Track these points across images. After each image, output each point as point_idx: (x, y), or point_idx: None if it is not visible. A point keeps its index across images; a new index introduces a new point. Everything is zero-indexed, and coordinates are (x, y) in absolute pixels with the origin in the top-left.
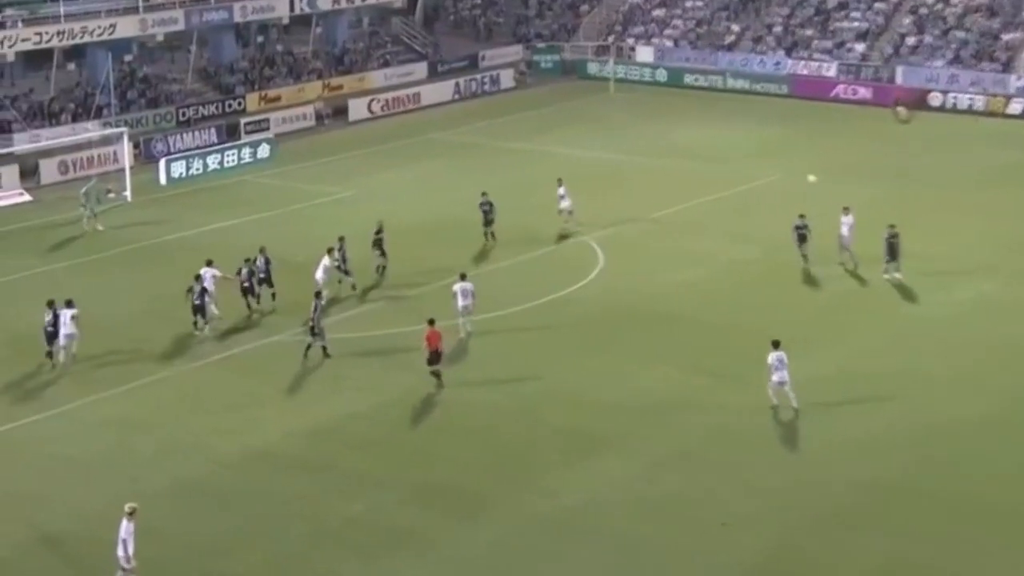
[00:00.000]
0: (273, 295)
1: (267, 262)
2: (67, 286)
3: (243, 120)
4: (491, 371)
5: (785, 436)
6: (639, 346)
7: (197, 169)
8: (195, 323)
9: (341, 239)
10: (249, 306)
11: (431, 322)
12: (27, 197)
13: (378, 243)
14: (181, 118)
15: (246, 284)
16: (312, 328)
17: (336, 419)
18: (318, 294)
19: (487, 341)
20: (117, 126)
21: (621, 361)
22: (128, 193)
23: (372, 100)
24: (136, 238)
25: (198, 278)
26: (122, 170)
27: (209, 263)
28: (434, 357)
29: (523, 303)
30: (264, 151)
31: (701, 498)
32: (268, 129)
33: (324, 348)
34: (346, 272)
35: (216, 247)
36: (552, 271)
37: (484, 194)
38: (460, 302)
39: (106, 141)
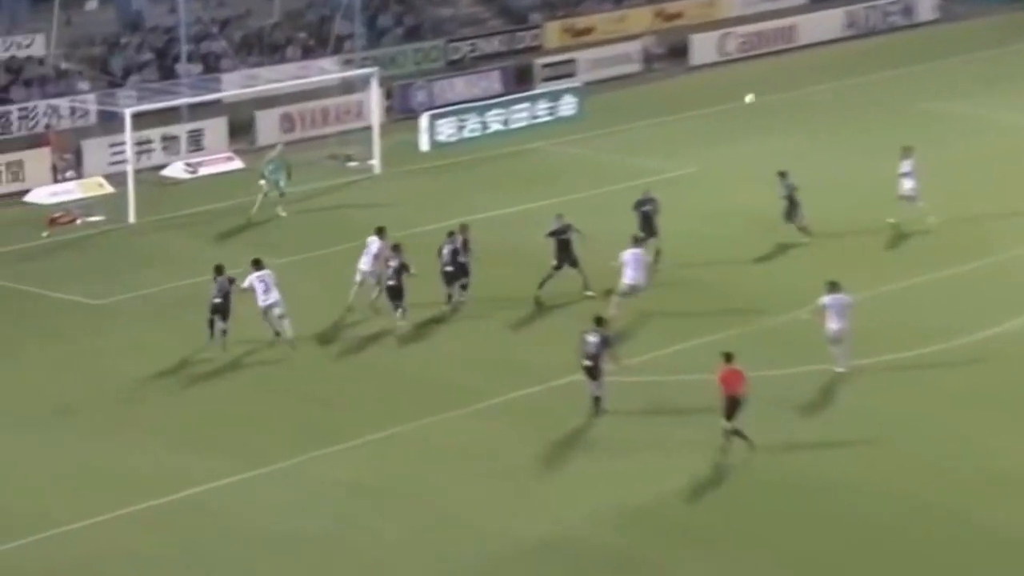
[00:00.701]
0: (464, 286)
1: (465, 245)
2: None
3: (539, 62)
4: (856, 430)
5: None
6: None
7: (472, 130)
8: (398, 308)
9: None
10: (450, 297)
11: (727, 357)
12: (237, 163)
13: (563, 244)
14: (452, 56)
15: (448, 268)
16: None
17: (649, 497)
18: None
19: (860, 388)
20: (363, 66)
21: None
22: (376, 161)
23: (725, 35)
24: (369, 224)
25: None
26: (367, 128)
27: (380, 232)
28: (731, 406)
29: (932, 342)
30: (568, 106)
31: None
32: (574, 75)
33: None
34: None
35: (498, 244)
36: (983, 294)
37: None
38: (832, 324)
39: (347, 87)
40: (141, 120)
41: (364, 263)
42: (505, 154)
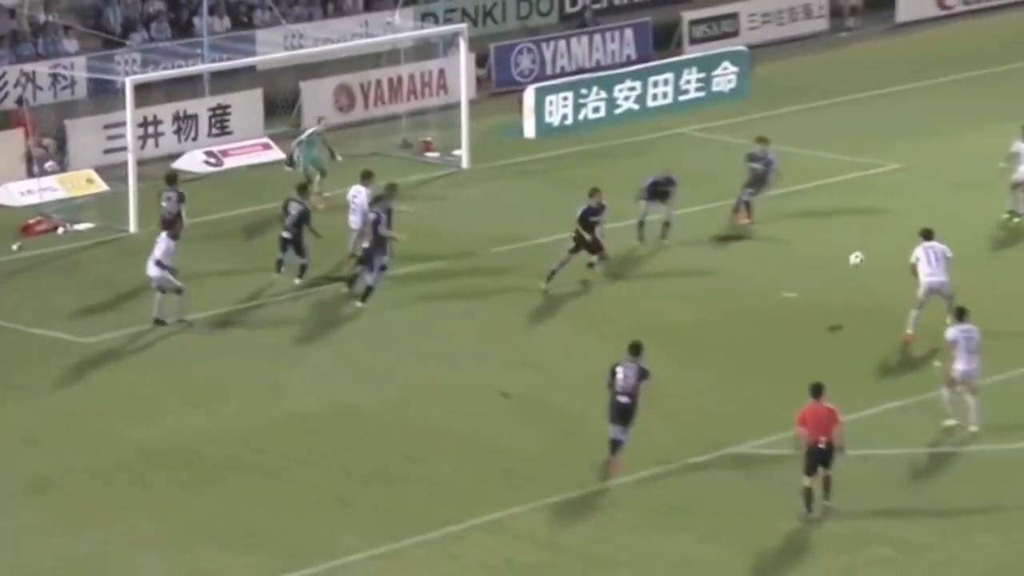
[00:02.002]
0: (383, 267)
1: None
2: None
3: (688, 16)
4: None
5: None
6: None
7: (595, 109)
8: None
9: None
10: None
11: (816, 392)
12: (275, 152)
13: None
14: (568, 8)
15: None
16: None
17: None
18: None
19: None
20: (448, 21)
21: None
22: (464, 152)
23: None
24: (456, 244)
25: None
26: (453, 107)
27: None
28: (817, 455)
29: None
30: (727, 78)
31: None
32: (736, 34)
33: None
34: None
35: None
36: None
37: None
38: (960, 364)
39: (425, 50)
40: (146, 93)
41: (353, 221)
42: (639, 144)
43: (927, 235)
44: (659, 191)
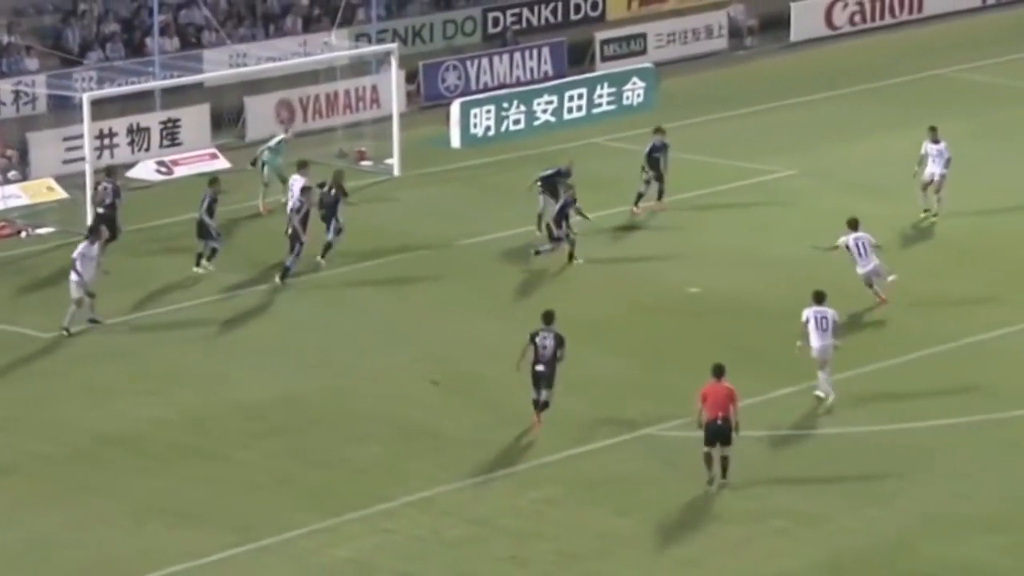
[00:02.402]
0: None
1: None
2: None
3: (600, 36)
4: None
5: None
6: None
7: (516, 122)
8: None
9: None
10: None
11: (717, 372)
12: (222, 162)
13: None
14: (491, 29)
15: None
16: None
17: None
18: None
19: None
20: (380, 41)
21: None
22: (395, 161)
23: (833, 5)
24: (390, 244)
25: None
26: (385, 120)
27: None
28: (714, 431)
29: None
30: (636, 92)
31: None
32: (644, 52)
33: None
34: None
35: (549, 262)
36: None
37: None
38: (813, 342)
39: (359, 67)
40: (102, 108)
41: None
42: (556, 152)
43: (853, 225)
44: (549, 184)
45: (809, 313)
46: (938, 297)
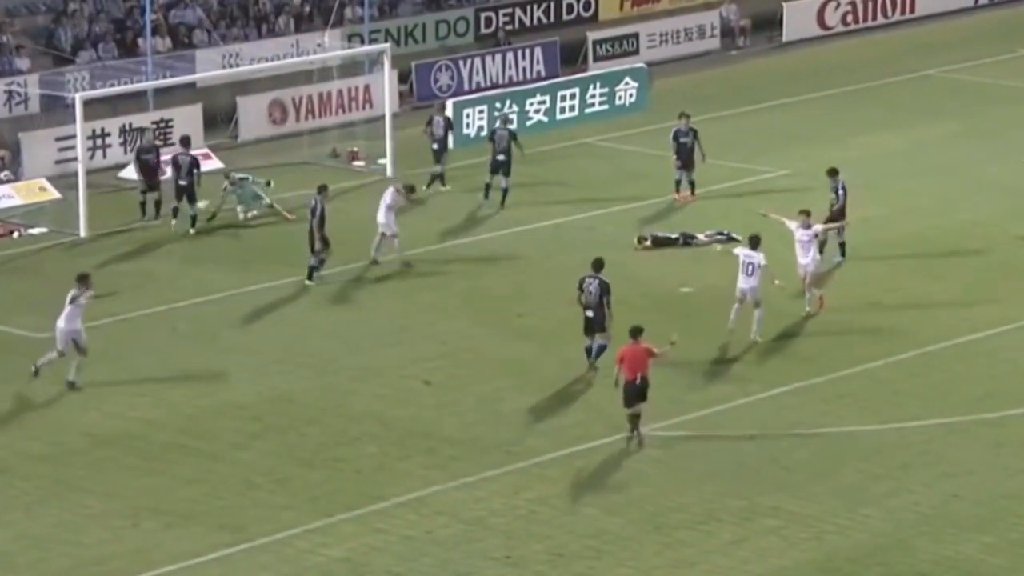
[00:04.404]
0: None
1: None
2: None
3: (592, 36)
4: None
5: None
6: None
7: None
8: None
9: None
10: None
11: (634, 333)
12: (215, 162)
13: None
14: (483, 29)
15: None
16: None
17: None
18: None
19: None
20: (372, 41)
21: None
22: (388, 160)
23: (826, 5)
24: (383, 244)
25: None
26: (377, 120)
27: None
28: (632, 391)
29: None
30: (628, 92)
31: None
32: (636, 52)
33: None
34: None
35: (536, 262)
36: None
37: None
38: (739, 283)
39: (352, 68)
40: (95, 108)
41: (380, 215)
42: (548, 153)
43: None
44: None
45: (738, 254)
46: (929, 297)
